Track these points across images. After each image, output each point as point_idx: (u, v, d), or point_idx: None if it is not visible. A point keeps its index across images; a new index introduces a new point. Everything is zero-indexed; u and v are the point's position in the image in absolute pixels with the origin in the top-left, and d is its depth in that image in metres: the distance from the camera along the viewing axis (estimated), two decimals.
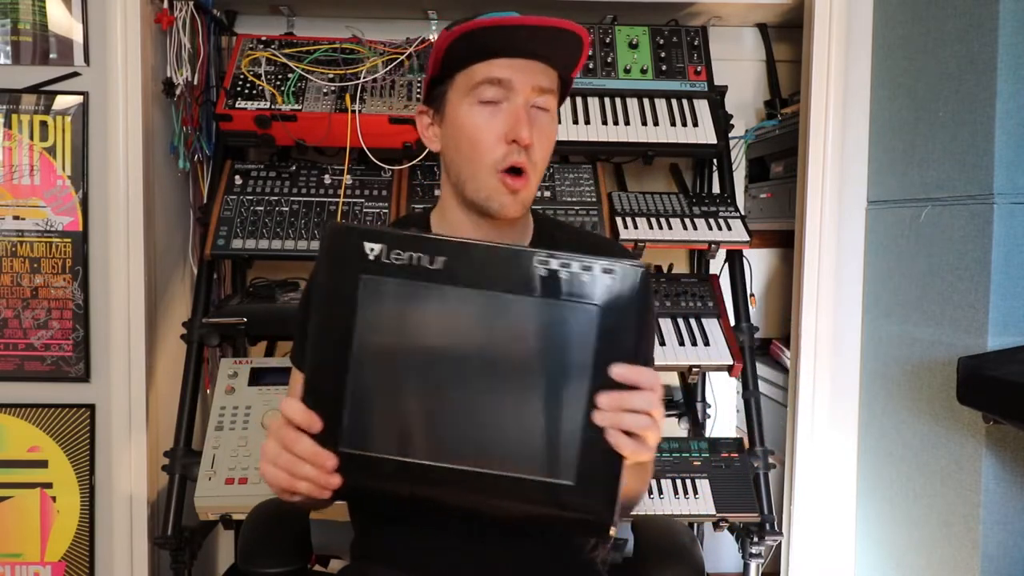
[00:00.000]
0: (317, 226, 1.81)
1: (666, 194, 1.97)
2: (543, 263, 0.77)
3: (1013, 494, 1.40)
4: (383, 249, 0.77)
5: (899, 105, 1.71)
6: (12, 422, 1.78)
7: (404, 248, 0.77)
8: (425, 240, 0.79)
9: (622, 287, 0.77)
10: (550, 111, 1.02)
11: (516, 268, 0.77)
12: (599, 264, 0.77)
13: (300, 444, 0.78)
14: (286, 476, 0.79)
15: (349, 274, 0.78)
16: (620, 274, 0.77)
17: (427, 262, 0.77)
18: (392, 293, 0.78)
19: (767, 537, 1.78)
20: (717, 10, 2.07)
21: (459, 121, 1.00)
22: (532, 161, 0.99)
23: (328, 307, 0.79)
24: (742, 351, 1.84)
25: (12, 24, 1.74)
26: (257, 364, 1.79)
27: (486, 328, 0.79)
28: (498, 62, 0.97)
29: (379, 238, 0.78)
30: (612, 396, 0.77)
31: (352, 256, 0.78)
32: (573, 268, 0.77)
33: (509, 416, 0.78)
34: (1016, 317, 1.39)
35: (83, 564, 1.81)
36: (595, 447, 0.77)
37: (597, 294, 0.77)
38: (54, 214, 1.76)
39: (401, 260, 0.77)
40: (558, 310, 0.77)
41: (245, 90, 1.84)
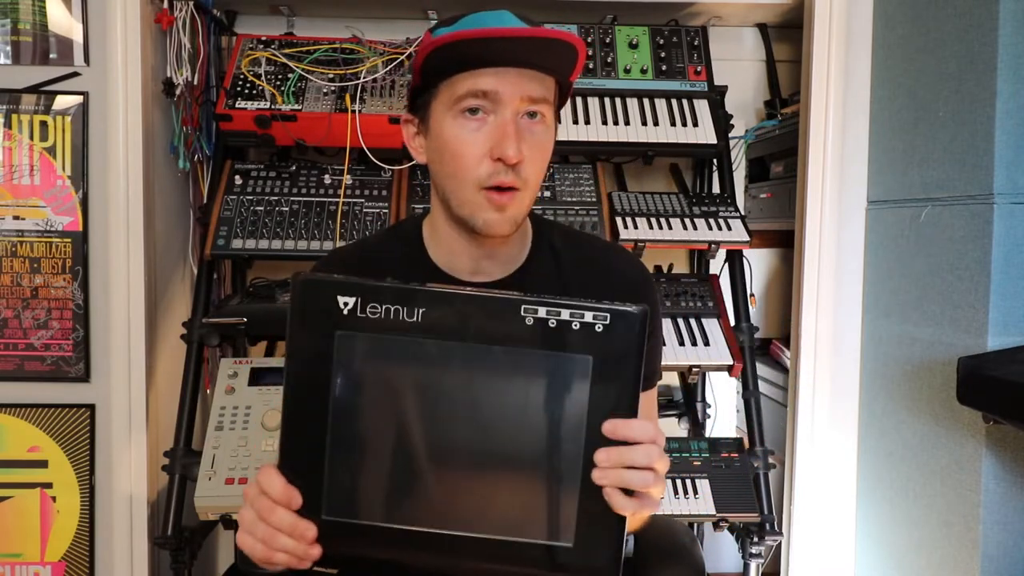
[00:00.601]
0: (317, 226, 1.81)
1: (666, 194, 1.97)
2: (531, 311, 0.72)
3: (1013, 494, 1.40)
4: (357, 302, 0.72)
5: (899, 105, 1.71)
6: (12, 422, 1.78)
7: (381, 300, 0.72)
8: (402, 291, 0.73)
9: (618, 333, 0.72)
10: (545, 121, 0.93)
11: (501, 318, 0.72)
12: (591, 310, 0.72)
13: (277, 515, 0.73)
14: (263, 548, 0.74)
15: (323, 331, 0.72)
16: (615, 320, 0.71)
17: (406, 314, 0.72)
18: (370, 349, 0.73)
19: (767, 537, 1.78)
20: (717, 10, 2.08)
21: (443, 135, 0.92)
22: (522, 178, 0.91)
23: (302, 366, 0.74)
24: (742, 351, 1.84)
25: (12, 24, 1.74)
26: (257, 364, 1.79)
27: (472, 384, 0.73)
28: (484, 72, 0.88)
29: (353, 290, 0.72)
30: (611, 452, 0.72)
31: (325, 311, 0.72)
32: (563, 316, 0.72)
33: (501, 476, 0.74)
34: (1016, 317, 1.39)
35: (83, 564, 1.81)
36: (594, 506, 0.72)
37: (590, 343, 0.72)
38: (54, 214, 1.76)
39: (377, 313, 0.72)
40: (548, 362, 0.72)
41: (245, 90, 1.84)
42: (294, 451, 0.74)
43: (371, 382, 0.74)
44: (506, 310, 0.72)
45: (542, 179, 0.96)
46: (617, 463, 0.72)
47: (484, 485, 0.74)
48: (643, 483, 0.72)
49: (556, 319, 0.72)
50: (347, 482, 0.74)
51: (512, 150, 0.88)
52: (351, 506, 0.74)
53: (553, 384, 0.73)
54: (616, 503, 0.72)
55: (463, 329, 0.72)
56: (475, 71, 0.89)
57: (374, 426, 0.74)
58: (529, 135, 0.91)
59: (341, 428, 0.74)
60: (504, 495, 0.74)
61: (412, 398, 0.74)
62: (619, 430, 0.72)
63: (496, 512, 0.74)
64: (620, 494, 0.72)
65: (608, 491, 0.72)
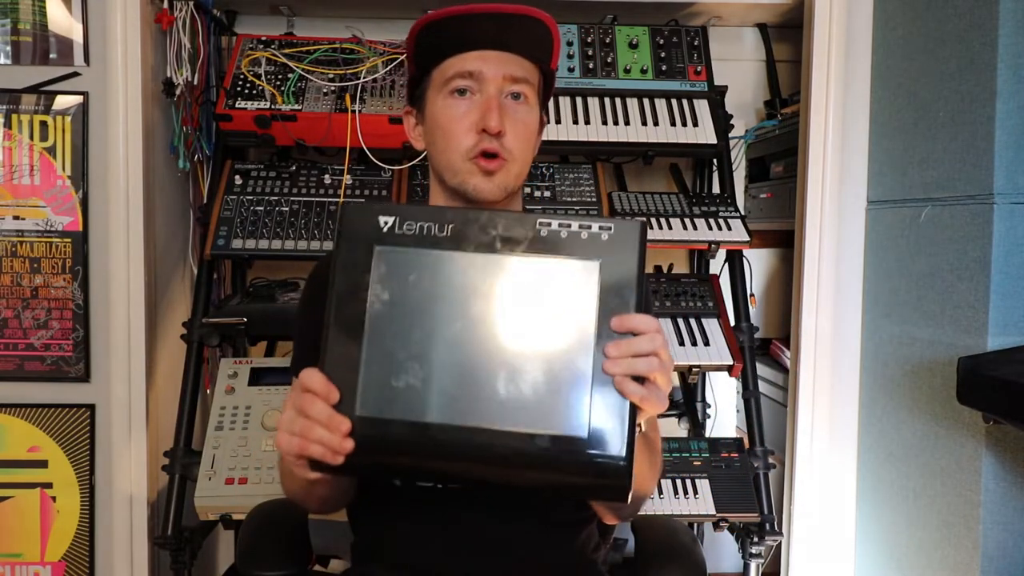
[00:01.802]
0: (317, 226, 1.81)
1: (666, 194, 1.97)
2: (545, 224, 0.82)
3: (1013, 494, 1.40)
4: (396, 220, 0.83)
5: (899, 105, 1.71)
6: (12, 422, 1.78)
7: (415, 219, 0.83)
8: (435, 210, 0.85)
9: (621, 242, 0.81)
10: (527, 101, 1.03)
11: (520, 230, 0.82)
12: (597, 222, 0.81)
13: (315, 407, 0.79)
14: (300, 441, 0.80)
15: (364, 246, 0.82)
16: (618, 230, 0.81)
17: (437, 230, 0.82)
18: (405, 261, 0.82)
19: (767, 537, 1.78)
20: (717, 10, 2.07)
21: (435, 115, 1.02)
22: (506, 148, 1.00)
23: (344, 278, 0.83)
24: (742, 351, 1.84)
25: (12, 24, 1.74)
26: (257, 364, 1.79)
27: (494, 289, 0.81)
28: (469, 55, 0.99)
29: (392, 211, 0.83)
30: (619, 344, 0.78)
31: (367, 229, 0.83)
32: (573, 228, 0.81)
33: (521, 373, 0.80)
34: (1016, 317, 1.39)
35: (83, 564, 1.81)
36: (605, 399, 0.79)
37: (597, 250, 0.81)
38: (54, 214, 1.76)
39: (413, 230, 0.82)
40: (561, 267, 0.81)
41: (245, 90, 1.84)
42: (334, 354, 0.82)
43: (405, 291, 0.82)
44: (523, 223, 0.82)
45: (530, 156, 1.06)
46: (625, 352, 0.78)
47: (506, 382, 0.80)
48: (649, 368, 0.78)
49: (567, 230, 0.81)
50: (380, 381, 0.81)
51: (494, 120, 0.98)
52: (383, 403, 0.81)
53: (566, 287, 0.81)
54: (627, 389, 0.78)
55: (486, 240, 0.82)
56: (461, 55, 1.00)
57: (406, 330, 0.82)
58: (512, 112, 1.01)
59: (376, 332, 0.82)
60: (525, 391, 0.80)
61: (440, 304, 0.82)
62: (625, 323, 0.79)
63: (517, 407, 0.80)
64: (630, 381, 0.78)
65: (619, 380, 0.78)
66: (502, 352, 0.81)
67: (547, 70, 1.07)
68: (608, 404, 0.79)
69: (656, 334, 0.79)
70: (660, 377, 0.79)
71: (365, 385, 0.81)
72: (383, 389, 0.81)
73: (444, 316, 0.81)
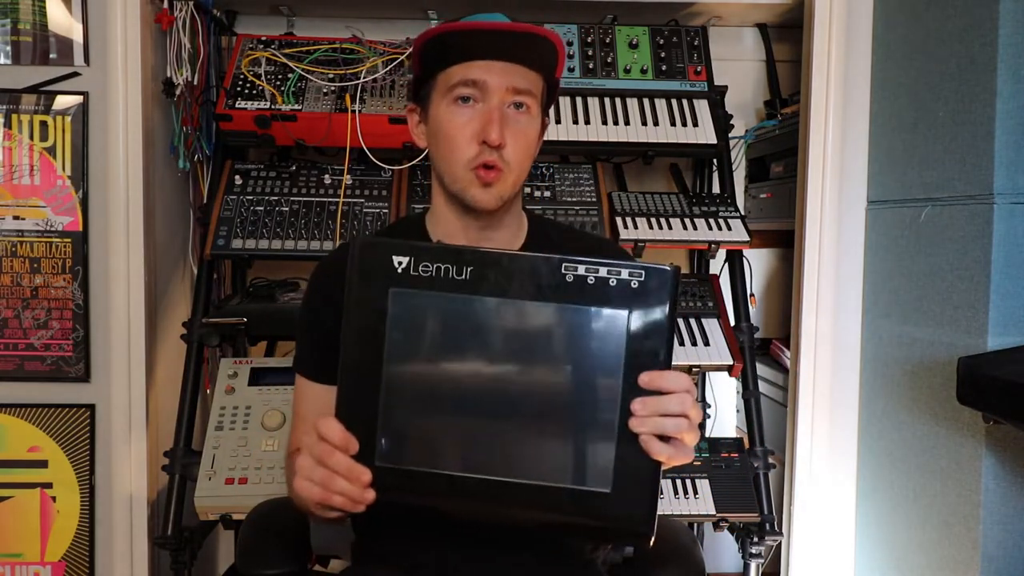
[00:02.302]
0: (317, 226, 1.81)
1: (666, 194, 1.97)
2: (571, 269, 0.78)
3: (1013, 494, 1.40)
4: (411, 261, 0.78)
5: (899, 105, 1.71)
6: (12, 422, 1.78)
7: (432, 260, 0.79)
8: (452, 250, 0.80)
9: (651, 290, 0.77)
10: (529, 112, 1.03)
11: (543, 275, 0.78)
12: (627, 268, 0.77)
13: (335, 458, 0.78)
14: (320, 491, 0.79)
15: (378, 288, 0.79)
16: (649, 277, 0.77)
17: (455, 272, 0.78)
18: (421, 305, 0.79)
19: (767, 537, 1.78)
20: (717, 10, 2.07)
21: (439, 120, 1.03)
22: (505, 160, 1.01)
23: (359, 321, 0.80)
24: (742, 351, 1.84)
25: (12, 24, 1.74)
26: (257, 364, 1.79)
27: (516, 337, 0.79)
28: (475, 64, 1.00)
29: (407, 251, 0.79)
30: (647, 401, 0.77)
31: (381, 270, 0.79)
32: (601, 273, 0.77)
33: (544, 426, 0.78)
34: (1016, 317, 1.39)
35: (83, 564, 1.81)
36: (631, 454, 0.77)
37: (626, 299, 0.77)
38: (54, 214, 1.76)
39: (429, 272, 0.78)
40: (587, 317, 0.77)
41: (245, 90, 1.84)
42: (351, 401, 0.80)
43: (422, 336, 0.80)
44: (548, 268, 0.78)
45: (528, 164, 1.06)
46: (653, 411, 0.77)
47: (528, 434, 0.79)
48: (677, 429, 0.77)
49: (594, 276, 0.77)
50: (399, 430, 0.79)
51: (495, 133, 0.98)
52: (403, 453, 0.79)
53: (592, 337, 0.78)
54: (653, 449, 0.77)
55: (507, 286, 0.78)
56: (467, 63, 1.00)
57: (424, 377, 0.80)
58: (513, 123, 1.01)
59: (394, 379, 0.79)
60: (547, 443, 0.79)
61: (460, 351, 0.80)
62: (655, 380, 0.77)
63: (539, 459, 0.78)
64: (656, 440, 0.77)
65: (645, 438, 0.77)
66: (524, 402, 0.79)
67: (551, 80, 1.08)
68: (633, 459, 0.77)
69: (686, 394, 0.77)
70: (687, 437, 0.78)
71: (384, 435, 0.79)
72: (403, 439, 0.79)
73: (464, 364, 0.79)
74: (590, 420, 0.78)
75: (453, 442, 0.79)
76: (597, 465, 0.77)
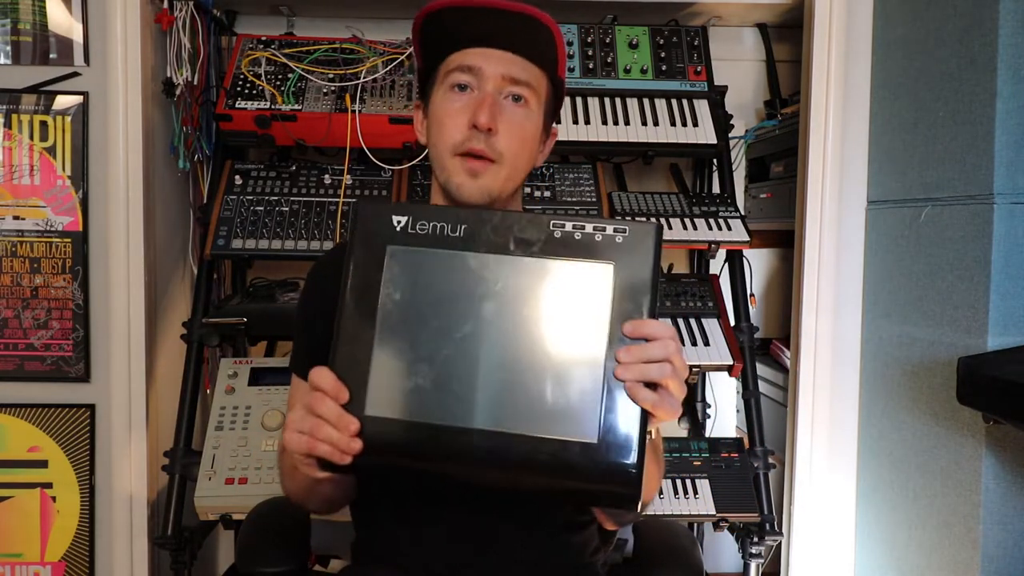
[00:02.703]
0: (317, 226, 1.81)
1: (666, 194, 1.97)
2: (558, 226, 0.81)
3: (1013, 494, 1.40)
4: (409, 220, 0.82)
5: (899, 105, 1.71)
6: (12, 422, 1.78)
7: (428, 219, 0.82)
8: (448, 210, 0.85)
9: (635, 245, 0.80)
10: (527, 105, 1.00)
11: (533, 232, 0.81)
12: (612, 224, 0.80)
13: (324, 406, 0.79)
14: (308, 439, 0.79)
15: (377, 245, 0.82)
16: (632, 232, 0.80)
17: (449, 230, 0.82)
18: (417, 261, 0.82)
19: (767, 537, 1.78)
20: (717, 10, 2.07)
21: (434, 107, 1.02)
22: (496, 150, 0.97)
23: (357, 277, 0.83)
24: (742, 351, 1.84)
25: (12, 24, 1.74)
26: (257, 364, 1.79)
27: (506, 291, 0.81)
28: (472, 50, 0.99)
29: (405, 211, 0.83)
30: (631, 349, 0.77)
31: (381, 228, 0.83)
32: (587, 230, 0.80)
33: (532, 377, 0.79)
34: (1016, 317, 1.39)
35: (83, 564, 1.81)
36: (616, 405, 0.78)
37: (612, 253, 0.80)
38: (54, 214, 1.76)
39: (426, 230, 0.82)
40: (574, 270, 0.80)
41: (245, 90, 1.84)
42: (345, 352, 0.82)
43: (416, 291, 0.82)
44: (537, 224, 0.81)
45: (524, 161, 1.02)
46: (637, 359, 0.77)
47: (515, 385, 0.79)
48: (661, 374, 0.77)
49: (581, 232, 0.80)
50: (390, 381, 0.81)
51: (484, 116, 0.95)
52: (392, 403, 0.81)
53: (579, 290, 0.80)
54: (639, 396, 0.77)
55: (499, 241, 0.81)
56: (465, 50, 0.99)
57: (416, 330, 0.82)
58: (508, 112, 0.99)
59: (387, 332, 0.81)
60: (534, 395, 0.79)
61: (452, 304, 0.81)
62: (638, 328, 0.78)
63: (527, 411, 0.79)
64: (642, 387, 0.77)
65: (630, 386, 0.77)
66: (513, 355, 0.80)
67: (555, 79, 1.05)
68: (620, 410, 0.78)
69: (669, 340, 0.78)
70: (672, 383, 0.78)
71: (375, 385, 0.80)
72: (393, 390, 0.81)
73: (455, 317, 0.81)
74: (578, 371, 0.79)
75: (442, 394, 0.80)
76: (584, 416, 0.78)
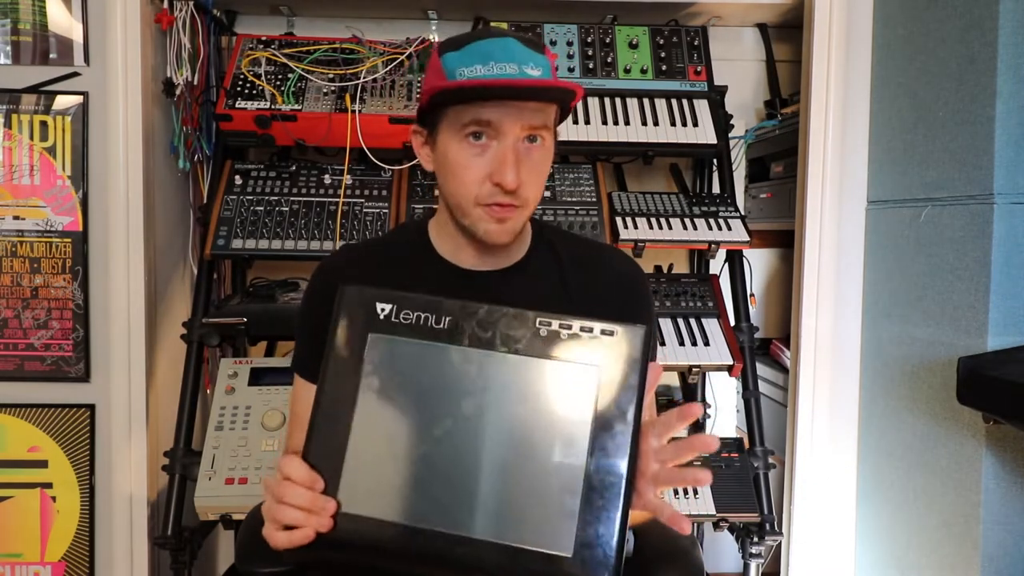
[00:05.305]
0: (317, 226, 1.81)
1: (666, 194, 1.97)
2: (544, 323, 0.79)
3: (1013, 494, 1.40)
4: (393, 308, 0.81)
5: (899, 105, 1.71)
6: (12, 422, 1.78)
7: (413, 308, 0.81)
8: (432, 301, 0.81)
9: (622, 347, 0.77)
10: (544, 144, 1.00)
11: (518, 328, 0.79)
12: (599, 325, 0.78)
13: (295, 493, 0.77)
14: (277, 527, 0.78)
15: (359, 332, 0.80)
16: (620, 334, 0.78)
17: (434, 321, 0.80)
18: (398, 352, 0.80)
19: (767, 537, 1.78)
20: (717, 10, 2.07)
21: (448, 154, 0.99)
22: (522, 198, 0.98)
23: (336, 362, 0.81)
24: (742, 351, 1.84)
25: (12, 24, 1.74)
26: (257, 364, 1.79)
27: (488, 388, 0.78)
28: (488, 105, 0.95)
29: (390, 300, 0.81)
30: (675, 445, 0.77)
31: (363, 315, 0.81)
32: (573, 329, 0.78)
33: (509, 481, 0.77)
34: (1016, 317, 1.39)
35: (83, 564, 1.81)
36: (596, 516, 0.75)
37: (597, 355, 0.77)
38: (54, 214, 1.76)
39: (409, 320, 0.80)
40: (558, 370, 0.78)
41: (245, 90, 1.84)
42: (319, 441, 0.80)
43: (397, 382, 0.80)
44: (522, 321, 0.79)
45: (541, 193, 1.03)
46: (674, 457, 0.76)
47: (492, 488, 0.76)
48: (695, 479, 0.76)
49: (567, 332, 0.78)
50: (364, 476, 0.79)
51: (510, 177, 0.95)
52: (364, 500, 0.78)
53: (562, 391, 0.77)
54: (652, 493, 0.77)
55: (483, 336, 0.79)
56: (479, 104, 0.95)
57: (394, 424, 0.80)
58: (527, 159, 0.97)
59: (364, 424, 0.79)
60: (510, 500, 0.76)
61: (432, 399, 0.79)
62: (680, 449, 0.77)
63: (501, 516, 0.76)
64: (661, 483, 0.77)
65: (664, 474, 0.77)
66: (491, 456, 0.77)
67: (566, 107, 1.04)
68: (598, 522, 0.74)
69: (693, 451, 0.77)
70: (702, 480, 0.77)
71: (347, 480, 0.78)
72: (366, 485, 0.78)
73: (434, 412, 0.79)
74: (555, 479, 0.76)
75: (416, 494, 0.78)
76: (560, 526, 0.74)
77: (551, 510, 0.75)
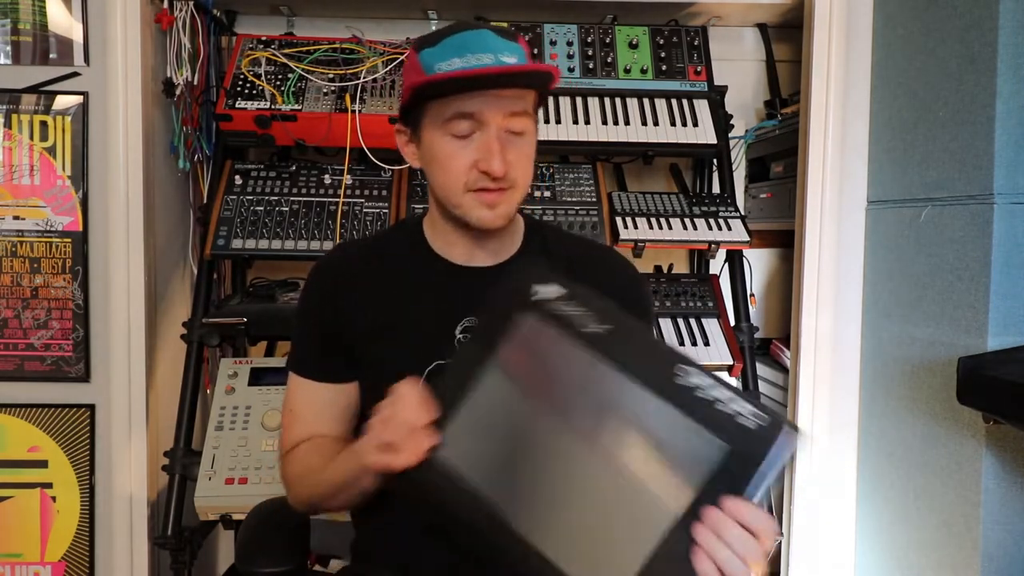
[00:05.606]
0: (317, 226, 1.81)
1: (666, 194, 1.97)
2: (685, 373, 0.73)
3: (1013, 494, 1.40)
4: (561, 294, 0.80)
5: (899, 105, 1.71)
6: (12, 422, 1.78)
7: (581, 302, 0.80)
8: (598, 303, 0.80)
9: (763, 441, 0.69)
10: (526, 129, 1.01)
11: (662, 367, 0.74)
12: (749, 406, 0.70)
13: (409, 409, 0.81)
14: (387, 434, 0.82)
15: (519, 303, 0.81)
16: (767, 427, 0.69)
17: (591, 321, 0.78)
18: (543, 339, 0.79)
19: None
20: (717, 10, 2.07)
21: (433, 149, 1.00)
22: (510, 179, 0.99)
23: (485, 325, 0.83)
24: (742, 351, 1.84)
25: (12, 24, 1.74)
26: (257, 364, 1.79)
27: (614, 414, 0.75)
28: (469, 96, 0.96)
29: (561, 283, 0.81)
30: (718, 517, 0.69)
31: (528, 291, 0.81)
32: (716, 394, 0.71)
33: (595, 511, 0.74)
34: (1016, 317, 1.39)
35: (83, 564, 1.81)
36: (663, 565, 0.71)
37: (733, 434, 0.70)
38: (54, 214, 1.76)
39: (567, 312, 0.79)
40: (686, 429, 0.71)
41: (245, 90, 1.84)
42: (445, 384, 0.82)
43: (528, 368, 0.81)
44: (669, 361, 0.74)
45: (530, 176, 1.04)
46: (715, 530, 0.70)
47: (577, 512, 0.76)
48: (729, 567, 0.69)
49: (707, 393, 0.72)
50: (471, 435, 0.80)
51: (497, 164, 0.96)
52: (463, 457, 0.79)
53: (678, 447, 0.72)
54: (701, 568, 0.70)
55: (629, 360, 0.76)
56: (461, 96, 0.96)
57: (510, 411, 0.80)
58: (512, 145, 0.99)
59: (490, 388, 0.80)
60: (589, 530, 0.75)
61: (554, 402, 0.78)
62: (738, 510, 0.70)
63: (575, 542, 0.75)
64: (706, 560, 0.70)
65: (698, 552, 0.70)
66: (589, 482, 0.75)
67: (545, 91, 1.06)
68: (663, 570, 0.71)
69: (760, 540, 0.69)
70: None
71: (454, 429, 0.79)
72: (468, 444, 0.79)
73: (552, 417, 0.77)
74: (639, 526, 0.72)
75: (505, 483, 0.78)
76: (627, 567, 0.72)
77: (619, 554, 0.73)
